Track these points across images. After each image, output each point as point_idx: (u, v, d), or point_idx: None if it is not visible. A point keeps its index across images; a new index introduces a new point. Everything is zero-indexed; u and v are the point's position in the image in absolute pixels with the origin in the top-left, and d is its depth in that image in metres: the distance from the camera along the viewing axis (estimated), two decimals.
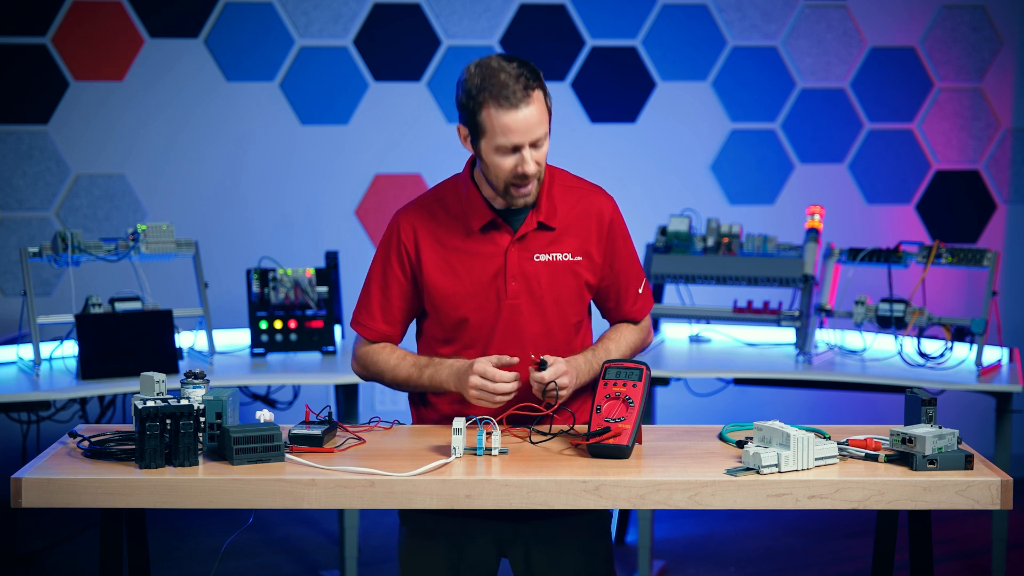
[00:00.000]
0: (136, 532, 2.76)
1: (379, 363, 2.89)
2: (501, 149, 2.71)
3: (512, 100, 2.66)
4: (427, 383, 2.82)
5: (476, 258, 2.82)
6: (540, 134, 2.71)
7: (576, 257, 2.85)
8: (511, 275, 2.81)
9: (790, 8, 5.97)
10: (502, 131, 2.68)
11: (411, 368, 2.85)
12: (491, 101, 2.67)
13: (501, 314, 2.81)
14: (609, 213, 2.89)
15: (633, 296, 2.96)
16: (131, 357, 4.31)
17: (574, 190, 2.89)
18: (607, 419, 2.59)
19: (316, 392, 5.56)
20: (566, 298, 2.84)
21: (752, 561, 4.98)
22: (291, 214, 5.83)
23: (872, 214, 6.08)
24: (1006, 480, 2.44)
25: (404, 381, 2.87)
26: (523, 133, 2.68)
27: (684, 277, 4.97)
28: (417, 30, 5.84)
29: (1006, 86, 6.05)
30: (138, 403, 2.52)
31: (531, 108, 2.68)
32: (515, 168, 2.71)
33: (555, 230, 2.84)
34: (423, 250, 2.84)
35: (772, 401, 5.80)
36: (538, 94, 2.71)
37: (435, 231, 2.85)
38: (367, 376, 2.94)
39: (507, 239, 2.82)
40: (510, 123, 2.67)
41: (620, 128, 5.98)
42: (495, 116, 2.68)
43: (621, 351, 2.92)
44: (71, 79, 5.66)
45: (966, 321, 4.61)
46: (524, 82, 2.68)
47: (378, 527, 5.25)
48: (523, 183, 2.74)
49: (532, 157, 2.71)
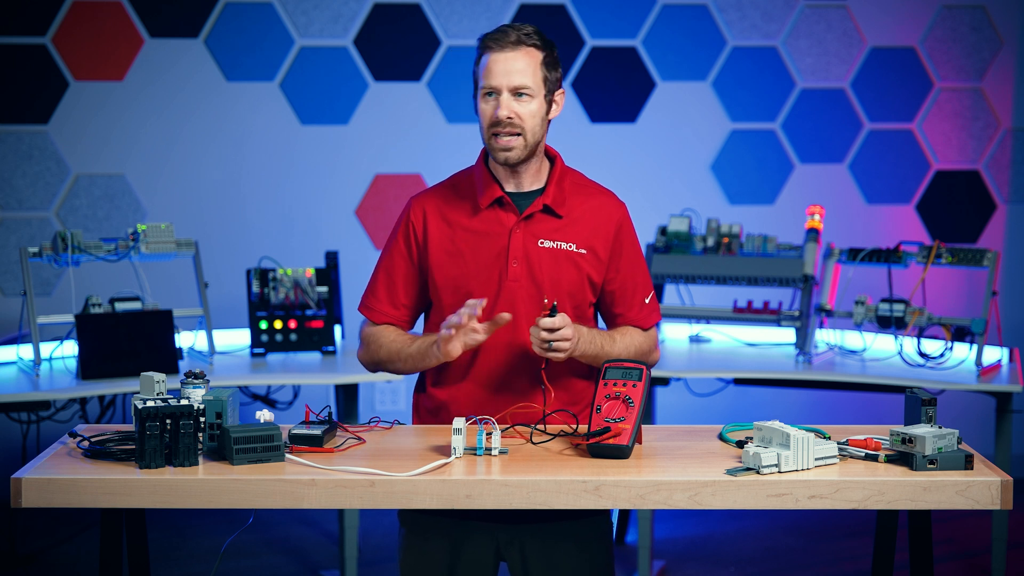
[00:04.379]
0: (136, 532, 2.76)
1: (379, 338, 2.89)
2: (483, 94, 2.77)
3: (501, 43, 2.75)
4: (415, 352, 2.82)
5: (481, 237, 2.83)
6: (521, 82, 2.75)
7: (581, 249, 2.85)
8: (513, 256, 2.81)
9: (790, 8, 5.97)
10: (485, 72, 2.76)
11: (404, 339, 2.86)
12: (485, 46, 2.77)
13: (500, 296, 2.81)
14: (619, 216, 2.90)
15: (639, 304, 2.94)
16: (131, 357, 4.31)
17: (586, 188, 2.91)
18: (607, 419, 2.59)
19: (316, 392, 5.56)
20: (567, 288, 2.84)
21: (752, 561, 4.98)
22: (291, 214, 5.84)
23: (872, 214, 6.08)
24: (1006, 480, 2.44)
25: (396, 353, 2.86)
26: (502, 76, 2.74)
27: (684, 277, 4.97)
28: (417, 30, 5.84)
29: (1006, 86, 6.05)
30: (138, 403, 2.52)
31: (517, 54, 2.75)
32: (493, 114, 2.76)
33: (562, 218, 2.84)
34: (430, 230, 2.85)
35: (772, 401, 5.80)
36: (533, 51, 2.77)
37: (444, 211, 2.87)
38: (368, 360, 2.93)
39: (513, 219, 2.83)
40: (490, 63, 2.75)
41: (620, 128, 5.98)
42: (484, 60, 2.77)
43: (624, 345, 2.89)
44: (71, 79, 5.66)
45: (966, 321, 4.61)
46: (521, 36, 2.76)
47: (378, 527, 5.25)
48: (500, 131, 2.76)
49: (509, 104, 2.75)
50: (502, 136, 2.76)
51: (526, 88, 2.75)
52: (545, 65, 2.78)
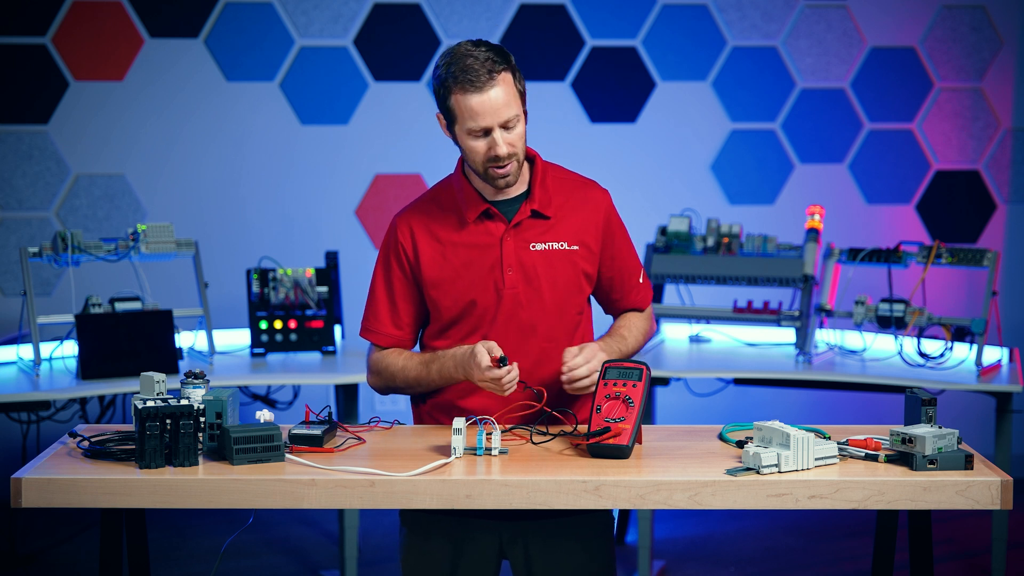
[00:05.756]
0: (136, 532, 2.76)
1: (390, 367, 2.88)
2: (472, 133, 2.74)
3: (476, 83, 2.69)
4: (436, 377, 2.82)
5: (472, 250, 2.83)
6: (509, 115, 2.73)
7: (572, 246, 2.86)
8: (508, 265, 2.81)
9: (790, 8, 5.97)
10: (470, 115, 2.71)
11: (419, 367, 2.84)
12: (457, 86, 2.71)
13: (501, 305, 2.82)
14: (605, 205, 2.91)
15: (635, 285, 2.99)
16: (131, 357, 4.31)
17: (567, 182, 2.91)
18: (607, 419, 2.59)
19: (316, 392, 5.56)
20: (564, 287, 2.85)
21: (752, 561, 4.98)
22: (291, 214, 5.84)
23: (872, 214, 6.08)
24: (1006, 480, 2.44)
25: (415, 381, 2.86)
26: (490, 115, 2.71)
27: (684, 277, 4.97)
28: (417, 30, 5.84)
29: (1006, 86, 6.05)
30: (138, 403, 2.52)
31: (497, 90, 2.70)
32: (488, 151, 2.74)
33: (550, 219, 2.85)
34: (420, 248, 2.85)
35: (772, 401, 5.80)
36: (505, 76, 2.72)
37: (431, 227, 2.86)
38: (383, 385, 2.92)
39: (502, 228, 2.83)
40: (475, 106, 2.70)
41: (620, 128, 5.98)
42: (462, 100, 2.71)
43: (635, 336, 2.95)
44: (71, 79, 5.66)
45: (966, 321, 4.61)
46: (490, 65, 2.70)
47: (378, 527, 5.25)
48: (499, 164, 2.76)
49: (504, 139, 2.73)
50: (502, 167, 2.76)
51: (514, 116, 2.74)
52: (517, 82, 2.76)
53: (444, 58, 2.74)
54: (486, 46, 2.73)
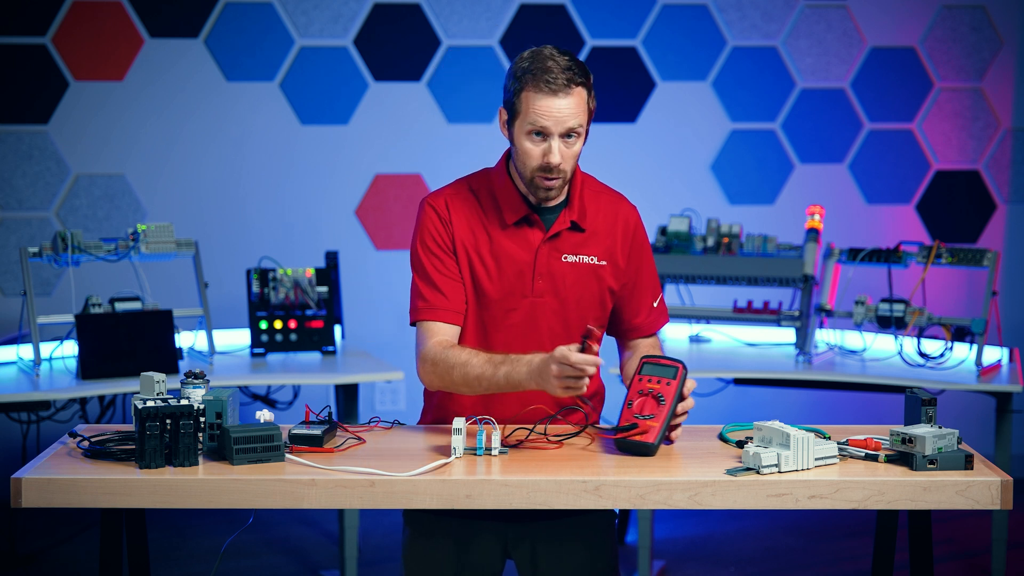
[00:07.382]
0: (136, 532, 2.76)
1: (450, 358, 2.73)
2: (532, 133, 2.72)
3: (552, 86, 2.69)
4: (503, 380, 2.68)
5: (507, 251, 2.81)
6: (572, 126, 2.71)
7: (602, 261, 2.85)
8: (539, 273, 2.81)
9: (790, 8, 5.97)
10: (535, 112, 2.70)
11: (485, 365, 2.71)
12: (532, 83, 2.70)
13: (522, 310, 2.81)
14: (634, 221, 2.91)
15: (647, 308, 2.94)
16: (131, 357, 4.31)
17: (602, 195, 2.90)
18: (636, 415, 2.59)
19: (316, 392, 5.56)
20: (588, 301, 2.85)
21: (752, 561, 4.98)
22: (291, 214, 5.83)
23: (872, 214, 6.08)
24: (1006, 480, 2.44)
25: (476, 380, 2.71)
26: (555, 120, 2.70)
27: (684, 277, 4.98)
28: (417, 30, 5.84)
29: (1006, 86, 6.05)
30: (138, 403, 2.52)
31: (569, 99, 2.70)
32: (542, 157, 2.73)
33: (585, 232, 2.85)
34: (457, 230, 2.82)
35: (772, 401, 5.80)
36: (581, 91, 2.72)
37: (468, 217, 2.83)
38: (436, 378, 2.77)
39: (539, 236, 2.82)
40: (544, 107, 2.69)
41: (620, 128, 5.98)
42: (532, 98, 2.70)
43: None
44: (71, 79, 5.66)
45: (966, 321, 4.61)
46: (570, 75, 2.69)
47: (378, 527, 5.25)
48: (548, 175, 2.74)
49: (560, 149, 2.72)
50: (549, 179, 2.75)
51: (577, 129, 2.73)
52: (589, 100, 2.75)
53: (527, 55, 2.74)
54: (570, 56, 2.73)
